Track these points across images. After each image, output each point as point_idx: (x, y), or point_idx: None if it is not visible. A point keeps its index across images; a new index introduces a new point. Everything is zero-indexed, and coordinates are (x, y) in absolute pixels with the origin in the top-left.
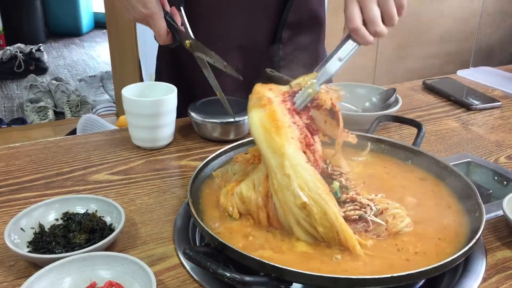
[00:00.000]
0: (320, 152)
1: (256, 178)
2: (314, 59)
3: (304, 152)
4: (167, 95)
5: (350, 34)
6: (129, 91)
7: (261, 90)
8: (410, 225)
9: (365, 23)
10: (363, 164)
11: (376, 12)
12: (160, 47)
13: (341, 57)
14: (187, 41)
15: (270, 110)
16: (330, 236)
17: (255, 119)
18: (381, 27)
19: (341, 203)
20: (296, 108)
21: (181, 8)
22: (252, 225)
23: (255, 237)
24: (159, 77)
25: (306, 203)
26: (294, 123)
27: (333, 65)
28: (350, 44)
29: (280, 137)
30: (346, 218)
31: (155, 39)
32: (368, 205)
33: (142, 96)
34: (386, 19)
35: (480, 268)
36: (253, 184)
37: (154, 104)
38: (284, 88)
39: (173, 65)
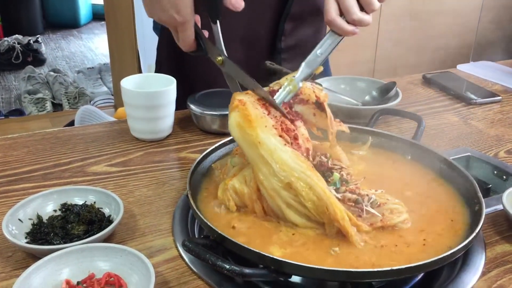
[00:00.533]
0: (306, 135)
1: (247, 174)
2: None
3: (281, 136)
4: (166, 87)
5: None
6: (128, 83)
7: (236, 95)
8: (407, 221)
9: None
10: (363, 158)
11: (350, 1)
12: (160, 38)
13: (321, 52)
14: (219, 58)
15: (242, 109)
16: (320, 211)
17: (231, 121)
18: (358, 15)
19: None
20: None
21: (217, 21)
22: (250, 216)
23: (253, 228)
24: (159, 68)
25: (290, 182)
26: (269, 113)
27: (313, 60)
28: (331, 37)
29: (254, 129)
30: (343, 201)
31: (154, 42)
32: (366, 195)
33: (141, 88)
34: (364, 6)
35: (479, 262)
36: (244, 180)
37: (153, 96)
38: None
39: (174, 57)
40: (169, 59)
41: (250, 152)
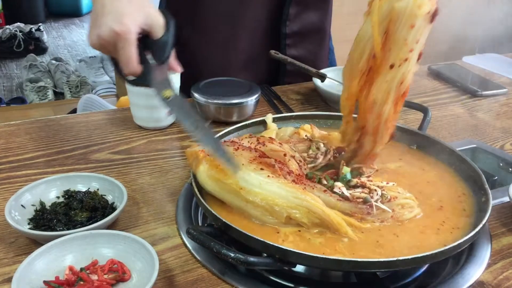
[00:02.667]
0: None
1: None
2: (320, 37)
3: (262, 168)
4: (170, 75)
5: None
6: None
7: (192, 151)
8: (418, 216)
9: None
10: None
11: None
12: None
13: None
14: (168, 91)
15: (209, 160)
16: (324, 227)
17: (202, 176)
18: None
19: (351, 187)
20: None
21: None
22: None
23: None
24: None
25: (288, 215)
26: (238, 148)
27: None
28: None
29: (230, 176)
30: (352, 199)
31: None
32: (375, 190)
33: None
34: None
35: (485, 254)
36: None
37: None
38: None
39: (178, 45)
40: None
41: (234, 201)
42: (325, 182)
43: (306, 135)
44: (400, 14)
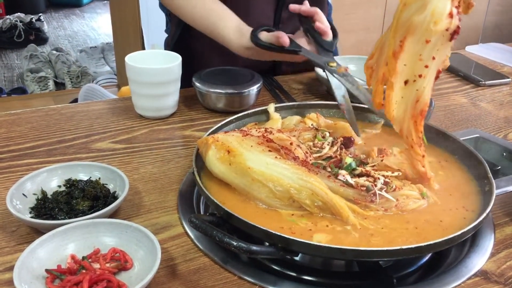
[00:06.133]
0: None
1: None
2: None
3: (270, 150)
4: (172, 64)
5: None
6: (133, 59)
7: (203, 138)
8: (423, 206)
9: None
10: (376, 137)
11: None
12: (168, 16)
13: None
14: (332, 63)
15: (218, 145)
16: (326, 211)
17: (211, 160)
18: None
19: (355, 176)
20: None
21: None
22: None
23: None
24: (166, 46)
25: (291, 195)
26: (247, 135)
27: None
28: None
29: (240, 155)
30: (356, 187)
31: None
32: (378, 178)
33: (146, 64)
34: None
35: (488, 243)
36: None
37: (158, 72)
38: None
39: (182, 36)
40: (177, 36)
41: (242, 181)
42: (329, 170)
43: (312, 124)
44: (417, 27)
